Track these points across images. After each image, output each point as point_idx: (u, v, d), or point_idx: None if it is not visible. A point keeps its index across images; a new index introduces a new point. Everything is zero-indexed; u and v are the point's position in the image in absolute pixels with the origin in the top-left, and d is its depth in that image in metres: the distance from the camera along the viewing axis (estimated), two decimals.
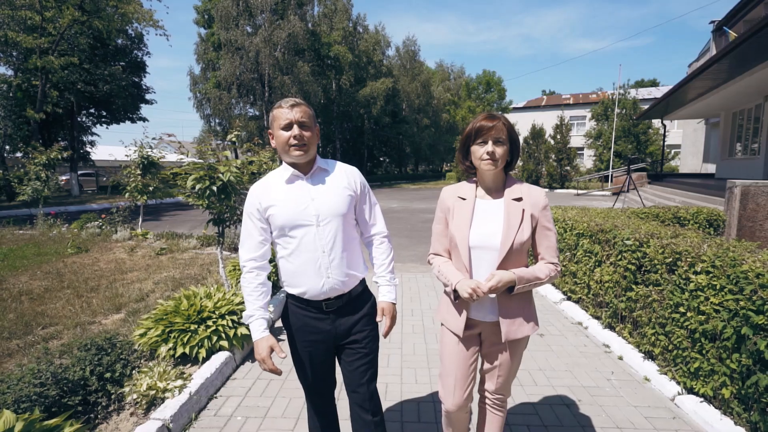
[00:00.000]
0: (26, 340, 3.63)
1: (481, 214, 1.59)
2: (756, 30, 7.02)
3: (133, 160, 8.07)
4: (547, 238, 1.58)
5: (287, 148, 1.52)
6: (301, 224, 1.54)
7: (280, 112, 1.52)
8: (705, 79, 10.68)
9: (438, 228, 1.71)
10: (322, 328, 1.62)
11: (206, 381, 2.61)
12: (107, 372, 2.39)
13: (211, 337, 2.93)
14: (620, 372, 2.95)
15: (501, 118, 1.53)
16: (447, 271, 1.61)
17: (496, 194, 1.60)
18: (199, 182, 3.26)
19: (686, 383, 2.53)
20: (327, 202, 1.57)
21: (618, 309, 3.34)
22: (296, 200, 1.55)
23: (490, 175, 1.58)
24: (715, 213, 5.26)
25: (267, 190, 1.59)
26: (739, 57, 8.53)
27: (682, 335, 2.55)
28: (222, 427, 2.33)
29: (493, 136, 1.50)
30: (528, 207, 1.54)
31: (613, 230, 3.50)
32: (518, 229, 1.51)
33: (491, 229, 1.54)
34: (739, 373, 2.14)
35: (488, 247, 1.53)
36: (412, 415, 2.41)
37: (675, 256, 2.68)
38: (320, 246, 1.55)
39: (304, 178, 1.59)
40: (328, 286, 1.57)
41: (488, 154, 1.50)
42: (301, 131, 1.51)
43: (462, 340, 1.64)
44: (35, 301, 4.71)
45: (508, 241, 1.49)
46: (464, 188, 1.65)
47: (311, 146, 1.55)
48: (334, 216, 1.56)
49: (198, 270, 5.91)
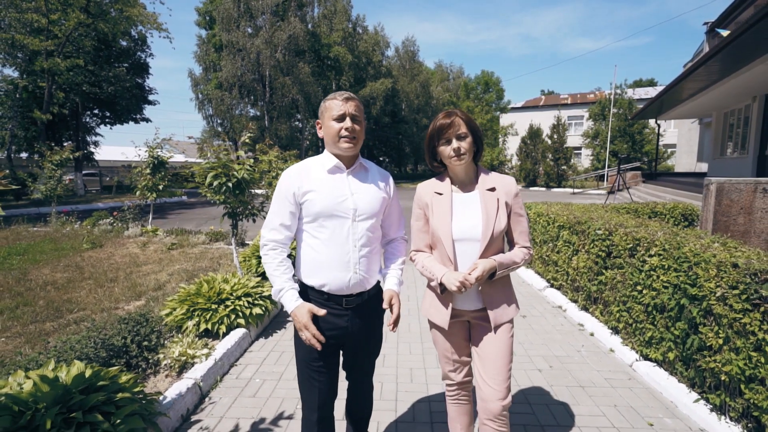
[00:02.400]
0: (59, 322, 4.02)
1: (460, 207, 1.63)
2: (738, 34, 7.38)
3: (144, 160, 8.46)
4: (519, 223, 1.65)
5: (337, 139, 1.52)
6: (338, 215, 1.54)
7: (333, 104, 1.53)
8: (695, 80, 11.03)
9: (418, 224, 1.74)
10: (338, 324, 1.59)
11: (227, 351, 3.01)
12: (144, 341, 2.79)
13: (229, 315, 3.33)
14: (590, 345, 3.36)
15: (458, 113, 1.58)
16: (431, 265, 1.64)
17: (470, 186, 1.66)
18: (216, 179, 3.65)
19: (642, 351, 2.93)
20: (365, 199, 1.58)
21: (591, 292, 3.74)
22: (337, 191, 1.55)
23: (462, 169, 1.63)
24: (690, 208, 5.66)
25: (306, 174, 1.58)
26: (725, 59, 8.87)
27: (639, 310, 2.95)
28: (243, 387, 2.73)
29: (453, 133, 1.55)
30: (502, 196, 1.61)
31: (588, 222, 3.90)
32: (496, 218, 1.57)
33: (471, 222, 1.59)
34: (681, 338, 2.53)
35: (470, 238, 1.58)
36: (406, 378, 2.82)
37: (635, 242, 3.08)
38: (352, 241, 1.55)
39: (346, 172, 1.60)
40: (354, 281, 1.56)
41: (454, 151, 1.56)
42: (353, 124, 1.52)
43: (450, 330, 1.69)
44: (60, 290, 5.09)
45: (489, 231, 1.55)
46: (438, 184, 1.69)
47: (360, 141, 1.57)
48: (371, 214, 1.58)
49: (208, 263, 6.29)
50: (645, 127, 27.25)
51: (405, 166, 45.89)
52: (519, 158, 25.65)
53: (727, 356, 2.12)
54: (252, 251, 5.15)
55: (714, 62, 9.12)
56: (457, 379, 1.78)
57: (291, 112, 28.23)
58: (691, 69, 10.10)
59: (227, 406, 2.51)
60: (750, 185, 5.81)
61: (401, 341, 3.46)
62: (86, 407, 1.79)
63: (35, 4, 16.91)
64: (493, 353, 1.62)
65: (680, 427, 2.28)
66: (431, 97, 38.55)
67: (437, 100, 39.20)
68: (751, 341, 1.98)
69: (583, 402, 2.54)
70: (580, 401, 2.55)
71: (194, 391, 2.52)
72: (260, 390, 2.70)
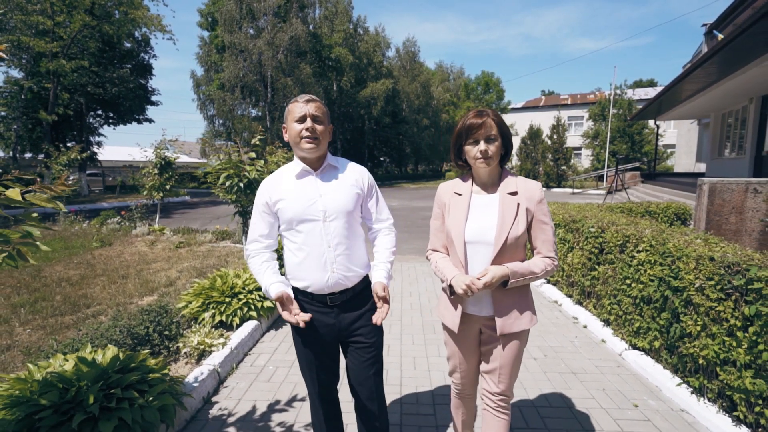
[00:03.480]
0: (77, 316, 4.22)
1: (477, 209, 1.59)
2: (733, 37, 7.56)
3: (151, 161, 8.67)
4: (543, 231, 1.56)
5: (299, 140, 1.55)
6: (309, 219, 1.58)
7: (295, 106, 1.57)
8: (693, 82, 11.20)
9: (435, 224, 1.72)
10: (326, 322, 1.64)
11: (242, 341, 3.21)
12: (165, 330, 2.98)
13: (242, 308, 3.52)
14: (583, 336, 3.55)
15: (489, 114, 1.51)
16: (443, 266, 1.61)
17: (492, 189, 1.60)
18: (228, 179, 3.84)
19: (631, 341, 3.12)
20: (335, 198, 1.59)
21: (584, 287, 3.93)
22: (305, 195, 1.59)
23: (486, 171, 1.57)
24: (683, 207, 5.84)
25: (277, 184, 1.64)
26: (721, 62, 9.04)
27: (628, 302, 3.14)
28: (258, 374, 2.93)
29: (483, 134, 1.49)
30: (523, 201, 1.54)
31: (582, 220, 4.09)
32: (513, 223, 1.50)
33: (486, 224, 1.54)
34: (665, 327, 2.72)
35: (483, 241, 1.53)
36: (409, 366, 3.02)
37: (625, 238, 3.27)
38: (326, 241, 1.58)
39: (314, 174, 1.62)
40: (333, 280, 1.60)
41: (481, 153, 1.50)
42: (313, 124, 1.54)
43: (460, 335, 1.67)
44: (75, 286, 5.29)
45: (503, 236, 1.49)
46: (460, 184, 1.66)
47: (323, 141, 1.58)
48: (341, 213, 1.59)
49: (216, 261, 6.48)
50: (644, 128, 27.43)
51: (405, 166, 46.09)
52: (519, 158, 25.83)
53: (704, 342, 2.31)
54: None
55: (710, 64, 9.28)
56: (464, 381, 1.78)
57: None
58: (688, 71, 10.27)
59: (244, 390, 2.70)
60: (741, 185, 6.00)
61: (404, 333, 3.65)
62: (123, 385, 1.98)
63: (41, 7, 17.13)
64: (499, 363, 1.60)
65: (662, 408, 2.47)
66: (432, 97, 38.74)
67: (438, 100, 39.39)
68: (725, 327, 2.18)
69: (574, 387, 2.73)
70: (572, 386, 2.74)
71: (213, 377, 2.71)
72: (274, 376, 2.90)
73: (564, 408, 2.48)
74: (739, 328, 2.09)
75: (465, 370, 1.75)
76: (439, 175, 41.86)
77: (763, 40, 7.44)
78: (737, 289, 2.12)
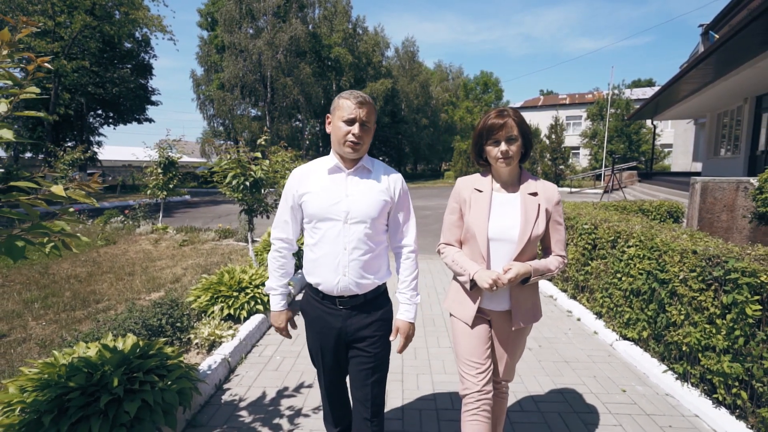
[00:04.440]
0: (88, 310, 4.35)
1: (499, 206, 1.61)
2: (727, 39, 7.70)
3: (155, 160, 8.80)
4: (558, 232, 1.63)
5: (343, 141, 1.51)
6: (330, 218, 1.54)
7: (347, 104, 1.50)
8: (688, 83, 11.35)
9: (451, 218, 1.71)
10: (333, 324, 1.62)
11: (249, 333, 3.35)
12: (177, 322, 3.12)
13: (249, 302, 3.67)
14: (576, 328, 3.70)
15: (510, 114, 1.53)
16: (462, 261, 1.62)
17: (512, 188, 1.63)
18: (235, 178, 3.98)
19: (621, 332, 3.28)
20: (360, 201, 1.55)
21: (578, 281, 4.09)
22: (331, 193, 1.56)
23: (506, 171, 1.60)
24: (675, 206, 6.01)
25: (307, 176, 1.62)
26: (716, 62, 9.19)
27: (619, 295, 3.30)
28: (266, 363, 3.07)
29: (504, 135, 1.51)
30: (543, 202, 1.58)
31: (576, 218, 4.24)
32: (535, 223, 1.55)
33: (509, 222, 1.57)
34: (652, 318, 2.87)
35: (506, 239, 1.56)
36: (410, 356, 3.16)
37: (616, 234, 3.42)
38: (343, 243, 1.54)
39: (346, 173, 1.58)
40: (343, 284, 1.56)
41: (502, 153, 1.52)
42: (361, 131, 1.50)
43: (473, 327, 1.67)
44: (83, 282, 5.43)
45: (526, 235, 1.53)
46: (480, 180, 1.66)
47: (365, 146, 1.56)
48: (364, 217, 1.54)
49: (220, 258, 6.62)
50: (642, 128, 27.64)
51: (404, 165, 46.23)
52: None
53: (687, 330, 2.46)
54: (263, 246, 5.52)
55: (705, 65, 9.43)
56: (478, 384, 1.63)
57: (292, 113, 28.57)
58: (683, 72, 10.42)
59: (253, 378, 2.85)
60: (732, 184, 6.17)
61: None
62: (144, 370, 2.13)
63: (41, 7, 17.23)
64: (506, 354, 1.69)
65: (649, 393, 2.62)
66: (431, 97, 38.91)
67: (437, 100, 39.57)
68: (706, 315, 2.33)
69: (567, 374, 2.88)
70: (564, 373, 2.89)
71: (224, 365, 2.86)
72: (281, 365, 3.04)
73: (556, 393, 2.63)
74: (718, 315, 2.25)
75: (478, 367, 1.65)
76: (438, 174, 42.03)
77: (755, 42, 7.59)
78: (717, 279, 2.27)
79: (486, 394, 1.62)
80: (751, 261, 2.09)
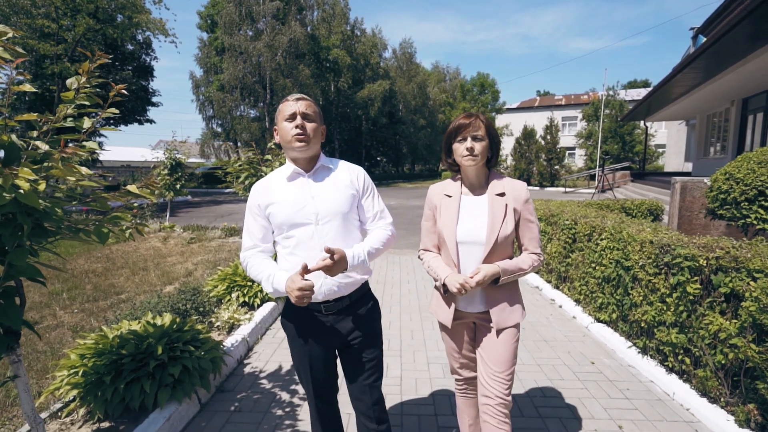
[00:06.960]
0: (110, 301, 4.72)
1: (467, 210, 1.64)
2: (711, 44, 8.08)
3: (162, 161, 9.17)
4: (530, 230, 1.64)
5: (290, 139, 1.49)
6: (300, 223, 1.51)
7: (285, 105, 1.52)
8: (677, 85, 11.73)
9: (427, 225, 1.76)
10: (320, 333, 1.58)
11: (264, 317, 3.74)
12: (200, 307, 3.51)
13: (262, 290, 4.05)
14: (557, 315, 4.11)
15: (479, 116, 1.59)
16: (436, 266, 1.66)
17: (480, 190, 1.67)
18: (248, 178, 4.37)
19: (595, 315, 3.68)
20: (327, 200, 1.53)
21: (560, 272, 4.49)
22: (296, 199, 1.53)
23: (473, 171, 1.64)
24: (655, 204, 6.42)
25: (268, 187, 1.58)
26: (701, 66, 9.56)
27: (594, 282, 3.70)
28: (280, 343, 3.46)
29: (471, 132, 1.56)
30: (511, 201, 1.60)
31: (559, 214, 4.65)
32: (502, 223, 1.57)
33: (477, 225, 1.60)
34: (620, 301, 3.27)
35: (475, 241, 1.59)
36: (407, 337, 3.56)
37: (591, 228, 3.82)
38: (318, 245, 1.50)
39: (306, 176, 1.56)
40: (326, 287, 1.51)
41: (467, 150, 1.56)
42: (303, 122, 1.49)
43: (454, 330, 1.73)
44: (101, 276, 5.79)
45: (493, 236, 1.56)
46: (450, 186, 1.71)
47: (314, 141, 1.52)
48: (335, 215, 1.53)
49: (227, 254, 6.99)
50: (635, 128, 28.13)
51: (402, 166, 46.65)
52: (514, 158, 26.48)
53: (645, 308, 2.86)
54: None
55: (691, 69, 9.79)
56: (464, 375, 1.82)
57: None
58: (671, 75, 10.79)
59: (270, 355, 3.24)
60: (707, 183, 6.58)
61: (403, 312, 4.19)
62: (182, 341, 2.51)
63: (45, 11, 17.54)
64: (496, 356, 1.62)
65: (614, 365, 3.03)
66: (428, 98, 39.36)
67: (434, 101, 40.02)
68: (658, 295, 2.73)
69: (544, 350, 3.29)
70: (542, 350, 3.29)
71: (244, 344, 3.24)
72: None
73: (533, 365, 3.04)
74: (668, 295, 2.65)
75: (465, 363, 1.79)
76: (436, 174, 42.46)
77: (739, 48, 7.99)
78: (667, 264, 2.67)
79: (472, 380, 1.82)
80: (693, 248, 2.49)
